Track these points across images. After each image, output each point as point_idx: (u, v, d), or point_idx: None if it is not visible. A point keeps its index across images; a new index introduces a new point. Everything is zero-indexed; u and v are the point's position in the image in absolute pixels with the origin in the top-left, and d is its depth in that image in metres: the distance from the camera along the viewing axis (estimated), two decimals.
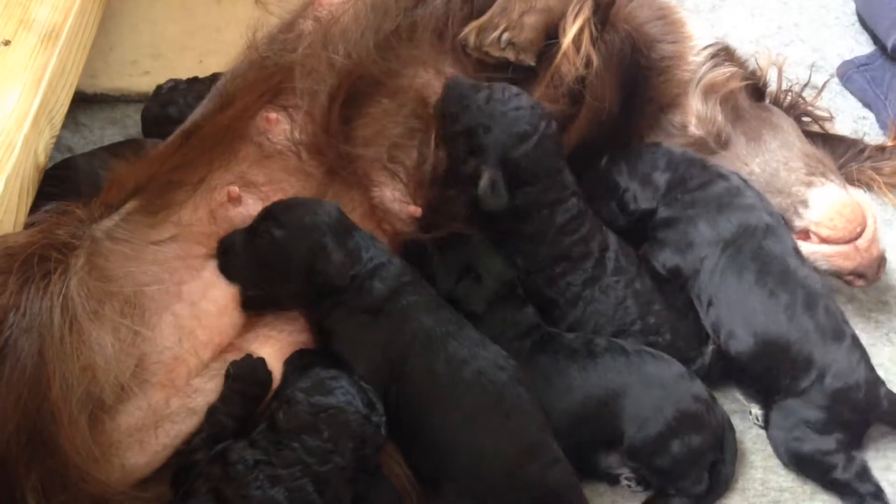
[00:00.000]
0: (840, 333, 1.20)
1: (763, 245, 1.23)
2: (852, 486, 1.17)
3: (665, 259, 1.27)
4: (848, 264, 1.31)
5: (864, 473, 1.18)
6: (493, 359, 1.10)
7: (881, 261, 1.32)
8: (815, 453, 1.19)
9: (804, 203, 1.33)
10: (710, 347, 1.24)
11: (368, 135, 1.18)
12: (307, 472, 0.99)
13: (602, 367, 1.15)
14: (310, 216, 1.09)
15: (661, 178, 1.30)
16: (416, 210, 1.19)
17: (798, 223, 1.33)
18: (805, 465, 1.21)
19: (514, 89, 1.22)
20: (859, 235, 1.30)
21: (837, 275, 1.33)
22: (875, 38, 1.71)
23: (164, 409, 1.03)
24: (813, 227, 1.32)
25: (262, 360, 1.07)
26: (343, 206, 1.14)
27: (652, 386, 1.14)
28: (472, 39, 1.23)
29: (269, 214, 1.09)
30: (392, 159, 1.18)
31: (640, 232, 1.30)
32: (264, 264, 1.08)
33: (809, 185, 1.33)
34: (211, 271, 1.09)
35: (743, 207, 1.27)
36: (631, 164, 1.32)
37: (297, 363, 1.09)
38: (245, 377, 1.06)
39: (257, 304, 1.11)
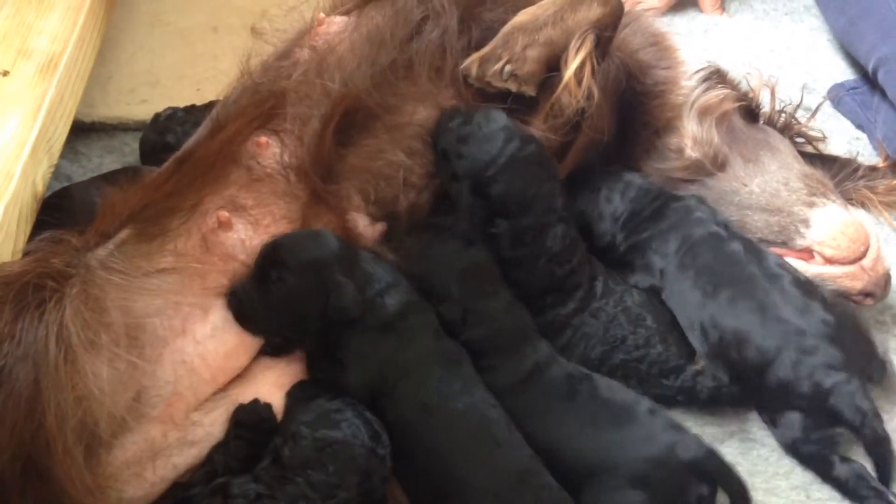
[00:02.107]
0: (807, 309, 1.23)
1: (708, 252, 1.27)
2: (848, 488, 1.19)
3: (637, 281, 1.31)
4: (856, 284, 1.31)
5: (860, 478, 1.19)
6: (485, 398, 1.10)
7: (887, 278, 1.33)
8: (808, 452, 1.21)
9: (806, 223, 1.33)
10: (695, 366, 1.25)
11: (357, 164, 1.19)
12: None
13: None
14: (315, 253, 1.08)
15: (620, 210, 1.33)
16: (382, 226, 1.20)
17: (800, 242, 1.34)
18: (805, 462, 1.23)
19: (493, 114, 1.22)
20: (863, 255, 1.31)
21: (846, 295, 1.33)
22: (859, 63, 1.73)
23: (162, 442, 1.02)
24: (816, 247, 1.32)
25: (268, 407, 1.07)
26: (321, 227, 1.15)
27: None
28: (474, 70, 1.24)
29: (274, 259, 1.08)
30: (376, 190, 1.19)
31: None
32: (281, 312, 1.08)
33: (811, 205, 1.34)
34: (218, 310, 1.08)
35: (692, 224, 1.30)
36: (589, 200, 1.34)
37: (299, 395, 1.08)
38: (251, 424, 1.05)
39: (279, 351, 1.11)
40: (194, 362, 1.05)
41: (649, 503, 1.08)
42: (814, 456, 1.22)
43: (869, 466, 1.20)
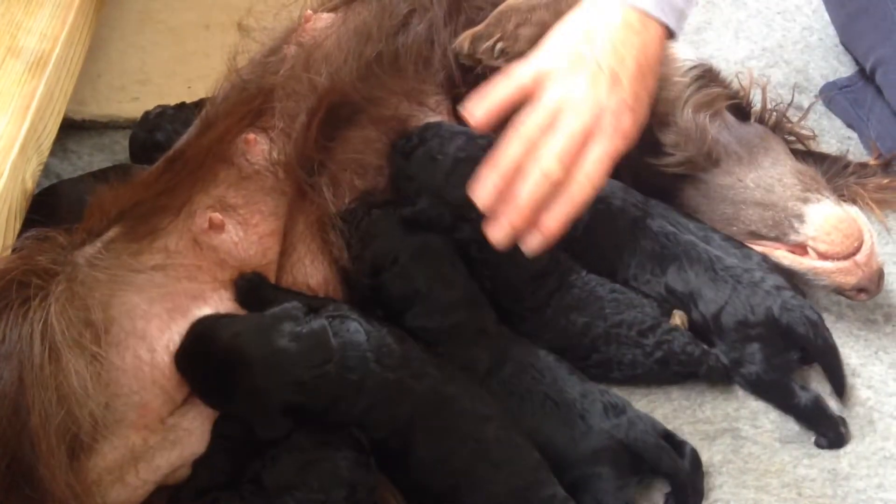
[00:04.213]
0: (714, 272, 1.28)
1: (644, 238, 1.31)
2: (807, 416, 1.26)
3: None
4: (850, 280, 1.31)
5: (817, 406, 1.25)
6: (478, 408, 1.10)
7: (881, 274, 1.33)
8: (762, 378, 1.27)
9: (800, 218, 1.33)
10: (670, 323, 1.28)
11: (341, 158, 1.19)
12: None
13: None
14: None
15: None
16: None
17: (794, 237, 1.34)
18: (769, 394, 1.28)
19: (424, 124, 1.22)
20: (857, 250, 1.31)
21: (840, 291, 1.34)
22: (857, 61, 1.73)
23: (142, 447, 1.01)
24: (810, 243, 1.32)
25: None
26: (302, 223, 1.15)
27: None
28: (465, 47, 1.25)
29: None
30: (358, 184, 1.19)
31: None
32: None
33: (805, 200, 1.34)
34: (204, 308, 1.07)
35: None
36: None
37: None
38: (231, 436, 1.04)
39: None
40: (153, 374, 1.03)
41: (614, 476, 1.12)
42: (776, 384, 1.26)
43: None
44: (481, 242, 1.18)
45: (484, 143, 1.20)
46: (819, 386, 1.30)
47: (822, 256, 1.32)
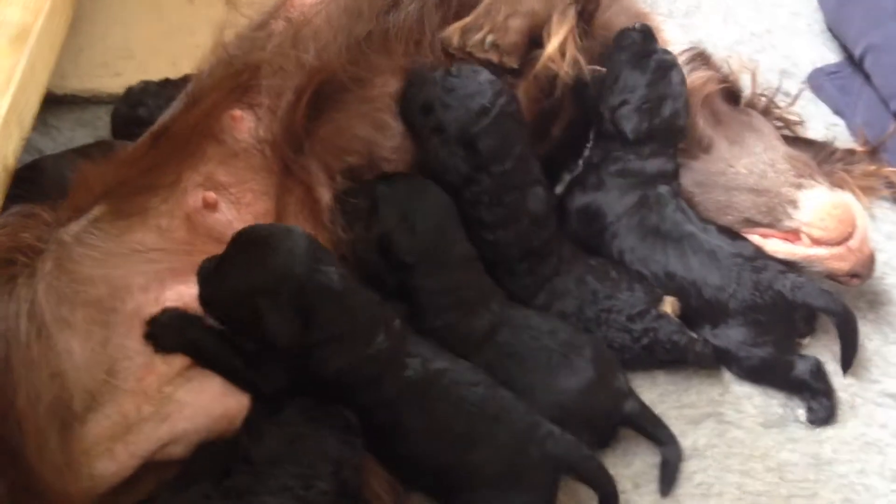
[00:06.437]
0: (713, 256, 1.30)
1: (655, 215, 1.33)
2: (807, 383, 1.28)
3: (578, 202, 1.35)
4: (844, 265, 1.32)
5: (818, 371, 1.28)
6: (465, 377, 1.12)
7: (873, 259, 1.34)
8: (765, 362, 1.29)
9: (793, 204, 1.34)
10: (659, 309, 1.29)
11: (327, 137, 1.17)
12: (294, 498, 0.97)
13: None
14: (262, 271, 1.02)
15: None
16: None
17: (788, 223, 1.34)
18: (765, 376, 1.30)
19: (478, 68, 1.22)
20: (850, 236, 1.32)
21: (833, 277, 1.34)
22: (845, 47, 1.73)
23: (135, 416, 1.01)
24: (804, 229, 1.33)
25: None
26: (293, 204, 1.14)
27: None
28: (455, 39, 1.23)
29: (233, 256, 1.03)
30: (345, 164, 1.18)
31: None
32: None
33: (799, 186, 1.35)
34: (192, 285, 1.06)
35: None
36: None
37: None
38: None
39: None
40: None
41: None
42: (778, 363, 1.29)
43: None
44: (495, 197, 1.21)
45: (517, 105, 1.22)
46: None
47: (816, 242, 1.33)
